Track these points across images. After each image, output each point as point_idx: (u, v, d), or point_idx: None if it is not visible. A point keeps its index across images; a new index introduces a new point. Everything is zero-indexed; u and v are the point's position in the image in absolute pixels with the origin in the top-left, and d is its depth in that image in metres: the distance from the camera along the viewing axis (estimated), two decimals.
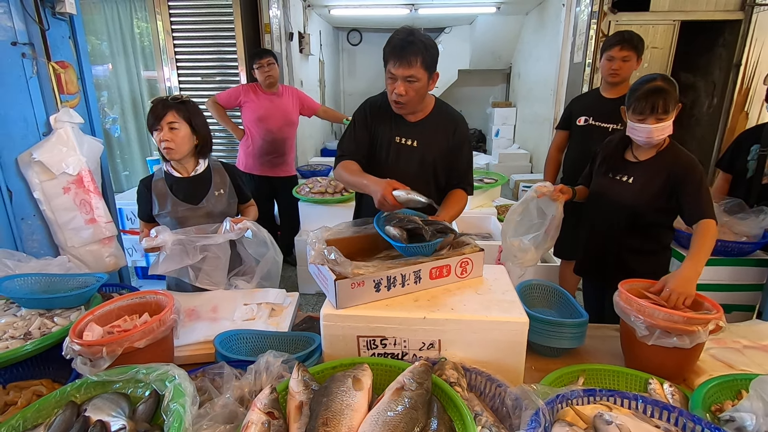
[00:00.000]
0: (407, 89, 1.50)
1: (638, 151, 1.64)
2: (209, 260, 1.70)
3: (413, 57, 1.46)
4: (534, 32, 6.46)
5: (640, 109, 1.49)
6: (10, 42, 1.76)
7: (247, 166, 3.38)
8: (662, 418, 0.88)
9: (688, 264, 1.35)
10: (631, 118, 1.55)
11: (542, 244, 1.77)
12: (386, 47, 1.51)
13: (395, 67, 1.48)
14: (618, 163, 1.69)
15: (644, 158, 1.62)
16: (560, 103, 4.88)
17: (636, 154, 1.65)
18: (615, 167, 1.70)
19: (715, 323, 1.10)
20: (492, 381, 1.03)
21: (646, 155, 1.62)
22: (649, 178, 1.59)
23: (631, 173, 1.64)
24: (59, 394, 0.95)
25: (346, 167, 1.63)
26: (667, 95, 1.46)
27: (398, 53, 1.46)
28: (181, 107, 1.68)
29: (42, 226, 1.95)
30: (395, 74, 1.49)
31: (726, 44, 4.12)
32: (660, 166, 1.58)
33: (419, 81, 1.50)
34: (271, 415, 0.84)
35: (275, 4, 4.51)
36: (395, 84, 1.50)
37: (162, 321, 1.11)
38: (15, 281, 1.46)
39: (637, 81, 1.56)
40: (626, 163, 1.67)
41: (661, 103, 1.46)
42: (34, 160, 1.83)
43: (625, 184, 1.64)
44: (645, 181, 1.60)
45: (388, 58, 1.51)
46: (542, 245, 1.77)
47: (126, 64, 4.82)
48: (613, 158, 1.71)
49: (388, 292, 1.16)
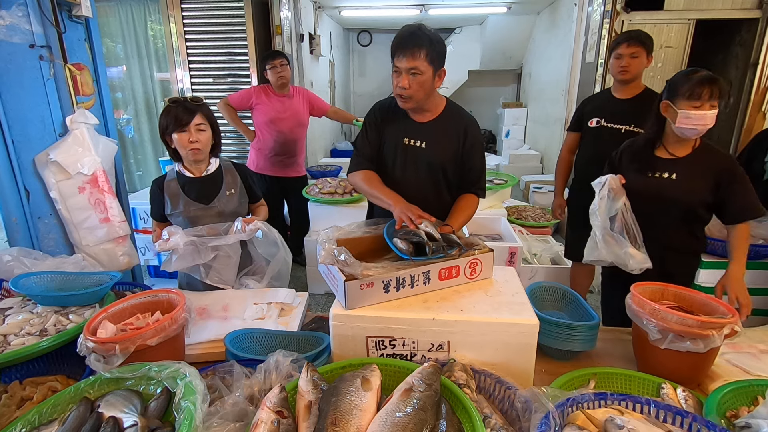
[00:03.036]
0: (411, 82, 1.49)
1: (674, 147, 1.62)
2: (220, 259, 1.72)
3: (417, 49, 1.45)
4: (545, 32, 6.40)
5: (697, 94, 1.46)
6: (28, 45, 1.79)
7: (259, 166, 3.41)
8: (675, 423, 0.86)
9: (737, 266, 1.50)
10: (684, 107, 1.50)
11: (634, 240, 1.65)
12: (392, 42, 1.51)
13: (399, 59, 1.48)
14: (653, 161, 1.66)
15: (682, 155, 1.61)
16: (572, 104, 4.83)
17: (672, 151, 1.62)
18: (650, 165, 1.66)
19: (730, 327, 1.08)
20: (501, 383, 1.02)
21: (683, 151, 1.61)
22: (695, 173, 1.58)
23: (672, 170, 1.61)
24: (73, 390, 0.96)
25: (364, 177, 1.64)
26: (719, 82, 1.46)
27: (402, 45, 1.47)
28: (205, 109, 1.71)
29: (58, 225, 1.99)
30: (399, 67, 1.49)
31: (743, 43, 4.04)
32: (703, 162, 1.57)
33: (423, 74, 1.49)
34: (281, 414, 0.85)
35: (286, 6, 4.54)
36: (400, 77, 1.50)
37: (174, 319, 1.13)
38: (31, 279, 1.49)
39: (679, 73, 1.55)
40: (662, 160, 1.64)
41: (716, 90, 1.46)
42: (50, 161, 1.86)
43: (669, 180, 1.61)
44: (691, 177, 1.58)
45: (393, 52, 1.51)
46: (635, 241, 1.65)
47: (140, 65, 4.90)
48: (644, 156, 1.67)
49: (397, 293, 1.16)
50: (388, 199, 1.51)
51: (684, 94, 1.50)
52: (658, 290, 1.29)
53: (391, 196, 1.52)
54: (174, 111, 1.66)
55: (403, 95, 1.53)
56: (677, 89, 1.52)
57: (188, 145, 1.67)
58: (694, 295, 1.25)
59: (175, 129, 1.66)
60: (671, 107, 1.54)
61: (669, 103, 1.55)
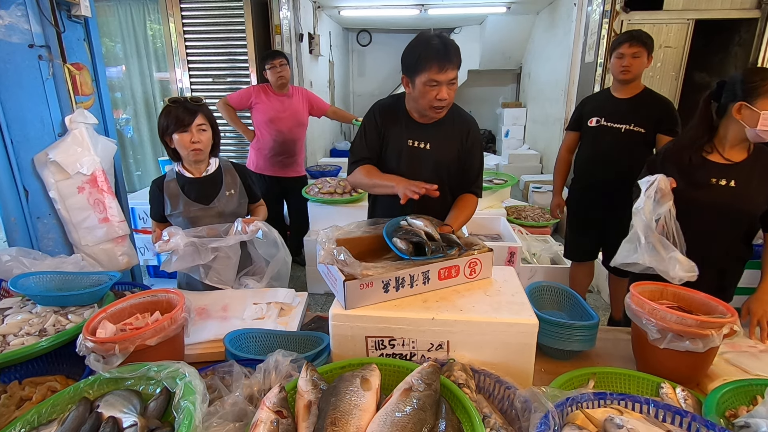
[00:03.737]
0: (449, 93, 1.49)
1: (731, 151, 1.50)
2: (219, 259, 1.72)
3: (456, 60, 1.46)
4: (545, 32, 6.41)
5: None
6: (27, 44, 1.79)
7: (258, 166, 3.41)
8: (674, 422, 0.86)
9: (765, 284, 1.40)
10: (764, 107, 1.36)
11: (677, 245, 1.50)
12: (421, 53, 1.45)
13: (440, 72, 1.44)
14: (707, 166, 1.53)
15: (738, 159, 1.49)
16: (571, 104, 4.84)
17: (728, 156, 1.50)
18: (706, 170, 1.52)
19: (729, 327, 1.08)
20: (501, 383, 1.02)
21: (739, 156, 1.50)
22: (755, 180, 1.47)
23: (730, 176, 1.49)
24: (73, 390, 0.96)
25: (363, 171, 1.63)
26: None
27: (444, 59, 1.44)
28: (206, 109, 1.72)
29: (57, 225, 1.99)
30: (439, 80, 1.45)
31: (742, 43, 4.05)
32: (762, 167, 1.48)
33: (456, 82, 1.50)
34: (280, 414, 0.85)
35: (285, 6, 4.54)
36: (439, 89, 1.47)
37: (173, 319, 1.13)
38: (31, 279, 1.49)
39: (748, 72, 1.43)
40: (717, 165, 1.51)
41: None
42: (49, 160, 1.86)
43: (727, 188, 1.49)
44: (751, 184, 1.48)
45: (428, 65, 1.44)
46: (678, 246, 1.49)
47: (139, 65, 4.89)
48: (696, 161, 1.53)
49: (396, 293, 1.16)
50: (389, 182, 1.51)
51: (762, 96, 1.36)
52: (657, 290, 1.29)
53: (392, 179, 1.52)
54: (175, 111, 1.65)
55: (443, 105, 1.52)
56: (757, 89, 1.37)
57: (190, 146, 1.67)
58: (694, 294, 1.25)
59: (177, 129, 1.66)
60: (748, 108, 1.39)
61: (746, 105, 1.40)
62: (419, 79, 1.48)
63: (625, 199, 1.78)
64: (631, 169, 1.93)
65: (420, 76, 1.47)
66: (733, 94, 1.44)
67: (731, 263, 1.59)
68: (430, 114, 1.57)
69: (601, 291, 3.35)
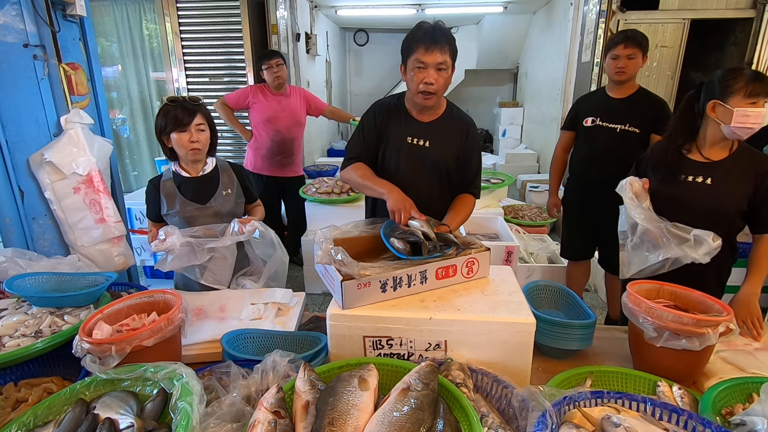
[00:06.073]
0: (437, 77, 1.47)
1: (711, 150, 1.51)
2: (215, 260, 1.72)
3: (445, 44, 1.45)
4: (541, 32, 6.42)
5: (756, 90, 1.36)
6: (22, 44, 1.78)
7: (256, 166, 3.40)
8: (671, 421, 0.87)
9: (748, 287, 1.40)
10: (740, 104, 1.38)
11: None
12: (412, 37, 1.48)
13: (426, 53, 1.44)
14: (683, 164, 1.53)
15: (718, 158, 1.50)
16: (568, 103, 4.85)
17: (707, 155, 1.51)
18: (681, 168, 1.53)
19: (725, 325, 1.08)
20: (498, 382, 1.02)
21: (719, 155, 1.50)
22: (733, 178, 1.47)
23: (707, 174, 1.49)
24: (69, 392, 0.96)
25: (357, 170, 1.61)
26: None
27: (430, 39, 1.44)
28: (204, 109, 1.71)
29: (53, 225, 1.98)
30: (426, 62, 1.45)
31: (737, 42, 4.07)
32: (742, 166, 1.47)
33: (447, 70, 1.48)
34: (278, 414, 0.85)
35: (282, 5, 4.53)
36: (426, 72, 1.46)
37: (170, 320, 1.12)
38: (26, 280, 1.48)
39: (723, 71, 1.44)
40: (694, 163, 1.52)
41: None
42: (45, 161, 1.85)
43: (703, 185, 1.49)
44: (728, 182, 1.47)
45: (415, 47, 1.46)
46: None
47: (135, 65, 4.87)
48: (672, 159, 1.55)
49: (394, 293, 1.16)
50: (381, 189, 1.48)
51: (739, 92, 1.38)
52: (654, 289, 1.30)
53: (385, 186, 1.49)
54: (174, 111, 1.65)
55: (430, 90, 1.49)
56: (730, 87, 1.40)
57: (189, 146, 1.67)
58: (690, 293, 1.26)
59: (175, 129, 1.65)
60: (722, 106, 1.42)
61: (719, 102, 1.42)
62: (409, 64, 1.50)
63: (620, 198, 1.79)
64: (626, 169, 1.94)
65: (410, 60, 1.50)
66: (711, 93, 1.46)
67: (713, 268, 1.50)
68: (419, 101, 1.54)
69: (598, 290, 3.36)
